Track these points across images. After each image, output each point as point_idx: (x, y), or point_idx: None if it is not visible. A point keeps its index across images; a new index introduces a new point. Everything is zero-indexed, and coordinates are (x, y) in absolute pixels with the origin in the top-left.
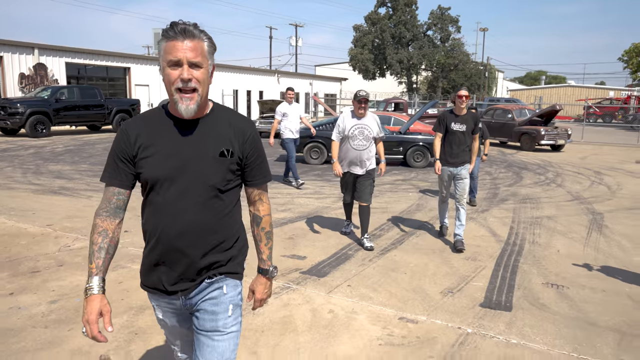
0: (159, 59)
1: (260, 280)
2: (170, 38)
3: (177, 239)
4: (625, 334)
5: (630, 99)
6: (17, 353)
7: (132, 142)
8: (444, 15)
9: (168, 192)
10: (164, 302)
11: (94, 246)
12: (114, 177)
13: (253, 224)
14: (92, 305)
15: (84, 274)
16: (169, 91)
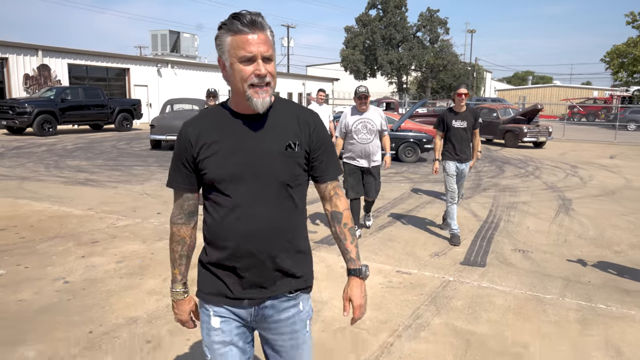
0: (222, 54)
1: (354, 284)
2: (239, 32)
3: (247, 241)
4: (571, 281)
5: (612, 98)
6: (106, 294)
7: (192, 143)
8: (433, 17)
9: (235, 191)
10: (227, 310)
11: (174, 254)
12: (180, 181)
13: (333, 222)
14: (182, 308)
15: (136, 243)
16: (239, 87)
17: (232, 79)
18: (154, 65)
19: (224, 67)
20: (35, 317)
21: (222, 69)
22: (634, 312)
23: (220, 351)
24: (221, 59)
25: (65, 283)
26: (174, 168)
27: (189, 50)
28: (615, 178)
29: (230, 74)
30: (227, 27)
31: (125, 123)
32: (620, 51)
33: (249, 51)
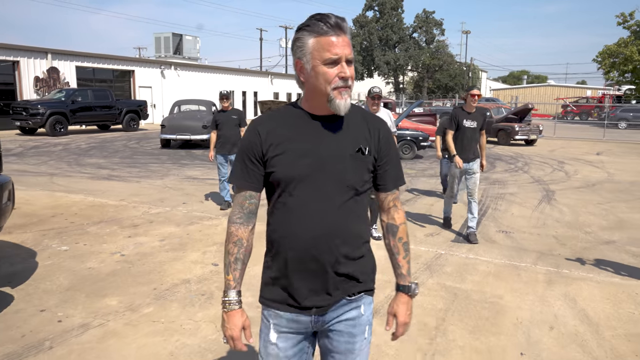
0: (302, 56)
1: (401, 300)
2: (323, 33)
3: (313, 245)
4: (544, 254)
5: (604, 97)
6: (159, 263)
7: (262, 140)
8: (429, 18)
9: (303, 192)
10: (288, 319)
11: (230, 256)
12: (244, 179)
13: (388, 234)
14: (234, 321)
15: (171, 226)
16: (322, 89)
17: (313, 80)
18: (157, 67)
19: (301, 69)
20: (107, 279)
21: (298, 70)
22: (591, 275)
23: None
24: (300, 61)
25: (122, 256)
26: (239, 165)
27: (191, 52)
28: (598, 172)
29: (311, 76)
30: (310, 28)
31: (132, 123)
32: (611, 51)
33: (335, 53)
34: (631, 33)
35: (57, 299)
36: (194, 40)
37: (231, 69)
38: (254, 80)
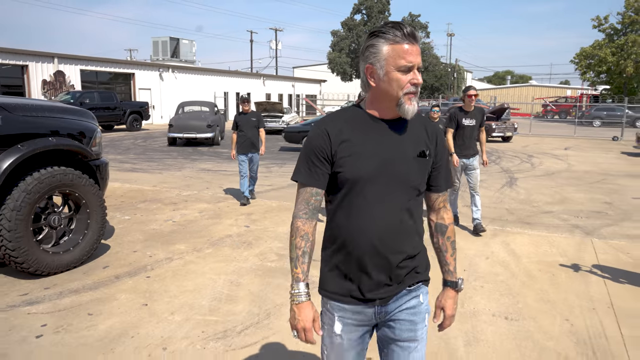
0: (375, 62)
1: (449, 294)
2: (398, 42)
3: (379, 242)
4: (495, 219)
5: (582, 97)
6: (203, 226)
7: (331, 141)
8: (415, 21)
9: (370, 192)
10: (353, 311)
11: (297, 250)
12: (311, 176)
13: (437, 234)
14: (305, 313)
15: (204, 203)
16: (393, 94)
17: (385, 86)
18: (156, 70)
19: (373, 73)
20: (170, 235)
21: (369, 75)
22: (526, 231)
23: (339, 354)
24: (372, 66)
25: (173, 222)
26: (307, 164)
27: (188, 56)
28: (560, 164)
29: (384, 81)
30: (385, 36)
31: (136, 124)
32: (587, 53)
33: (409, 61)
34: (606, 36)
35: (140, 245)
36: (190, 44)
37: (225, 71)
38: (247, 82)
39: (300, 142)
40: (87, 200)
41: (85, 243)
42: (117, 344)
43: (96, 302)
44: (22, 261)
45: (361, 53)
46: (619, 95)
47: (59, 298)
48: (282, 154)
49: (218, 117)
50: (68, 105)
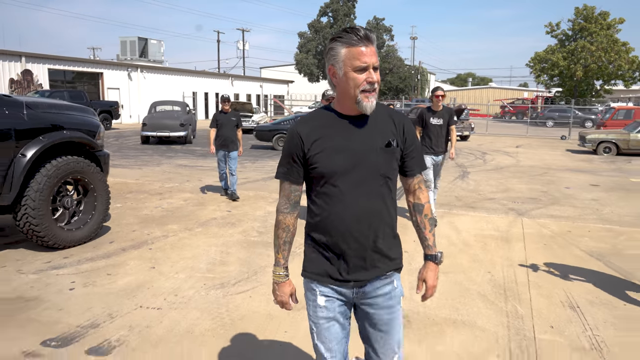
0: (335, 63)
1: (430, 267)
2: (355, 44)
3: (354, 225)
4: (444, 204)
5: (537, 99)
6: (190, 211)
7: (302, 141)
8: (379, 25)
9: (344, 183)
10: (333, 290)
11: (279, 240)
12: (289, 174)
13: (415, 213)
14: (283, 290)
15: (187, 194)
16: (351, 93)
17: (344, 85)
18: (124, 69)
19: (334, 74)
20: (162, 218)
21: (331, 75)
22: (469, 213)
23: (325, 326)
24: (333, 67)
25: (162, 208)
26: (285, 163)
27: (156, 55)
28: (509, 160)
29: (342, 81)
30: (342, 40)
31: (106, 123)
32: (540, 57)
33: (364, 62)
34: (558, 41)
35: (138, 226)
36: (159, 44)
37: (194, 72)
38: (215, 82)
39: (271, 140)
40: (94, 185)
41: (93, 222)
42: (137, 293)
43: (111, 267)
44: (43, 235)
45: (324, 56)
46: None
47: (78, 264)
48: (254, 151)
49: (190, 117)
50: (76, 104)
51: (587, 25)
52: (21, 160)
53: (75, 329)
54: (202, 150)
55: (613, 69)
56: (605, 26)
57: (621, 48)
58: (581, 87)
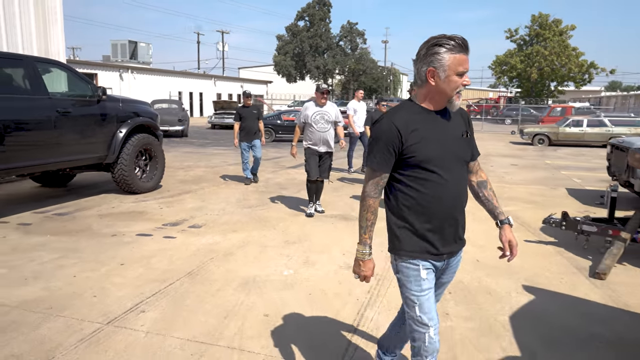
0: (438, 67)
1: (508, 230)
2: (458, 52)
3: (452, 207)
4: None
5: (500, 99)
6: (209, 178)
7: (401, 133)
8: (353, 29)
9: (439, 168)
10: (430, 264)
11: (367, 222)
12: (383, 164)
13: (480, 189)
14: (368, 266)
15: (203, 169)
16: (449, 93)
17: (443, 86)
18: (117, 71)
19: (434, 75)
20: (193, 180)
21: (429, 77)
22: None
23: (427, 296)
24: (435, 70)
25: (190, 175)
26: (380, 153)
27: (145, 58)
28: None
29: (443, 82)
30: (447, 46)
31: None
32: (501, 60)
33: (465, 67)
34: (516, 45)
35: (180, 184)
36: (147, 47)
37: (180, 72)
38: (199, 82)
39: None
40: (156, 153)
41: (156, 177)
42: (201, 209)
43: (177, 201)
44: (130, 182)
45: (421, 56)
46: (528, 97)
47: (156, 200)
48: None
49: (185, 113)
50: (142, 100)
51: (542, 32)
52: (119, 135)
53: (176, 220)
54: (199, 141)
55: (565, 72)
56: (558, 32)
57: (572, 52)
58: (537, 88)
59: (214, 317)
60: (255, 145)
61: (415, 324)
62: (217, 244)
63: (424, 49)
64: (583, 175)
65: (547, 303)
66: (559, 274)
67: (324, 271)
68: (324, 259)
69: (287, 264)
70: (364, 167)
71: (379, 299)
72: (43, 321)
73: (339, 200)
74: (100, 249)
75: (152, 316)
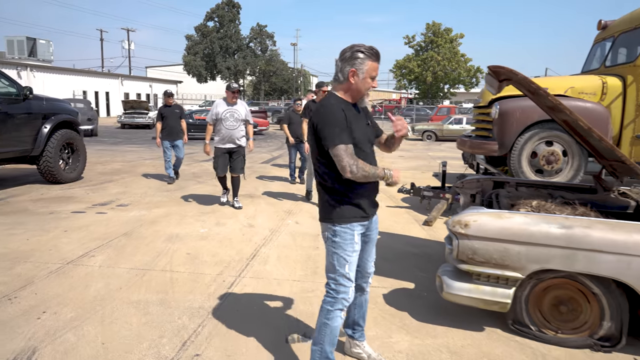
0: (359, 70)
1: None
2: (374, 60)
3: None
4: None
5: (401, 100)
6: (127, 170)
7: (345, 114)
8: (262, 31)
9: (364, 148)
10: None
11: (369, 167)
12: (348, 137)
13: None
14: (396, 174)
15: (119, 163)
16: (363, 91)
17: (360, 85)
18: (14, 68)
19: (354, 75)
20: (112, 173)
21: (351, 76)
22: None
23: (355, 257)
24: (356, 71)
25: (109, 168)
26: (341, 131)
27: (45, 55)
28: None
29: (360, 82)
30: (368, 54)
31: None
32: (400, 64)
33: (377, 74)
34: (414, 51)
35: (101, 176)
36: (47, 44)
37: (85, 71)
38: (105, 82)
39: None
40: (79, 147)
41: (79, 169)
42: (124, 193)
43: (100, 188)
44: (55, 173)
45: (346, 58)
46: (425, 98)
47: (81, 188)
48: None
49: (94, 112)
50: (62, 99)
51: (435, 39)
52: (44, 130)
53: (104, 202)
54: (110, 140)
55: (456, 75)
56: (449, 40)
57: (461, 58)
58: (433, 90)
59: (149, 256)
60: (177, 146)
61: (342, 279)
62: (144, 216)
63: (348, 52)
64: (452, 163)
65: (389, 239)
66: (402, 224)
67: (232, 229)
68: (231, 222)
69: (202, 225)
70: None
71: (271, 243)
72: (14, 265)
73: (247, 184)
74: (43, 222)
75: (101, 258)
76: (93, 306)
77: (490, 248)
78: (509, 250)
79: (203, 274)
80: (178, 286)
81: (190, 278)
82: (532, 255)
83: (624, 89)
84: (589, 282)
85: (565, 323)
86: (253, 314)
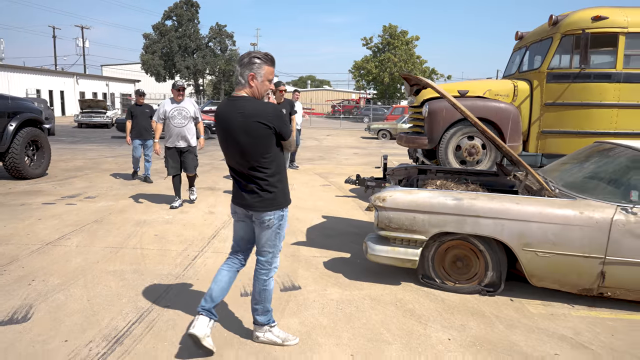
0: (258, 74)
1: None
2: (270, 65)
3: None
4: None
5: (360, 100)
6: (90, 166)
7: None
8: (222, 31)
9: None
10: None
11: None
12: None
13: None
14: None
15: (81, 160)
16: (262, 93)
17: (260, 87)
18: None
19: (253, 79)
20: (77, 169)
21: (250, 79)
22: None
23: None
24: (255, 75)
25: (72, 165)
26: None
27: None
28: (316, 142)
29: (260, 85)
30: (265, 60)
31: None
32: (358, 65)
33: (273, 77)
34: (372, 52)
35: (65, 172)
36: None
37: (38, 69)
38: (59, 80)
39: None
40: (43, 144)
41: (44, 165)
42: (90, 188)
43: (66, 183)
44: (21, 169)
45: (245, 64)
46: (383, 99)
47: (47, 183)
48: (115, 141)
49: (51, 112)
50: (27, 98)
51: (392, 41)
52: (9, 128)
53: (72, 194)
54: (69, 139)
55: None
56: (405, 42)
57: (416, 60)
58: (390, 91)
59: (121, 237)
60: (147, 146)
61: (278, 253)
62: (112, 206)
63: (246, 58)
64: (401, 159)
65: (334, 222)
66: (347, 210)
67: (194, 215)
68: (194, 210)
69: (168, 212)
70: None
71: (230, 226)
72: None
73: (207, 178)
74: (15, 212)
75: (77, 240)
76: (75, 275)
77: (402, 217)
78: (416, 218)
79: (170, 250)
80: (149, 259)
81: (158, 253)
82: (433, 221)
83: (531, 92)
84: (477, 241)
85: (461, 275)
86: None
